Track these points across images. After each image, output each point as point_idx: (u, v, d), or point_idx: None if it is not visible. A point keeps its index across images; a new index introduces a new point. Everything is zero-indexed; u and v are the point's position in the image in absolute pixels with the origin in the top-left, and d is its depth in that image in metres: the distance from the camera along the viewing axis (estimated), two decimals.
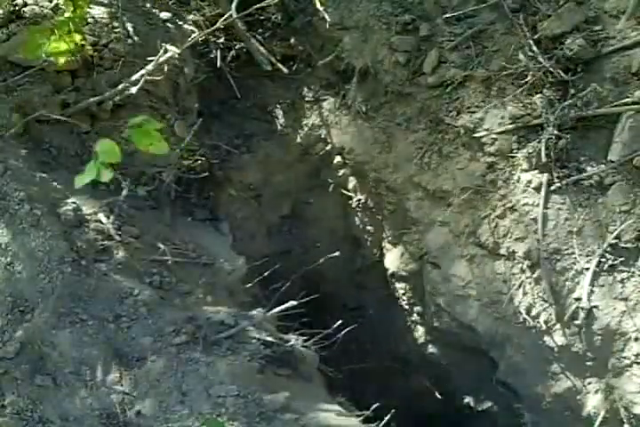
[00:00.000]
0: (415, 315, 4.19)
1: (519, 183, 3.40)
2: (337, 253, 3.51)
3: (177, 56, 3.00)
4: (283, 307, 2.83)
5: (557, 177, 3.32)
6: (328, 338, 2.92)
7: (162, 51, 2.90)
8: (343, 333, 2.92)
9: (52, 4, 3.29)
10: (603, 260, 3.17)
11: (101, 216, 2.96)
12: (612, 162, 3.22)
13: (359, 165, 3.95)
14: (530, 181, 3.37)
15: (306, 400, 2.60)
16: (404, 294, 4.18)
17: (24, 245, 2.65)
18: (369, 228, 4.21)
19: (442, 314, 3.86)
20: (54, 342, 2.52)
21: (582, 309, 3.20)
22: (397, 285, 4.18)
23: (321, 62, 3.88)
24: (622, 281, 3.14)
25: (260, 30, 3.96)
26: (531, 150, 3.37)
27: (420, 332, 4.23)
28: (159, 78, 3.15)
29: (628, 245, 3.14)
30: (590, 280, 3.17)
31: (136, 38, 3.37)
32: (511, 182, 3.42)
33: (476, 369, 3.97)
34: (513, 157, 3.42)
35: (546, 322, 3.33)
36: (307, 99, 3.99)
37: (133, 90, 3.05)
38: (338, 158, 4.04)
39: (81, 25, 3.12)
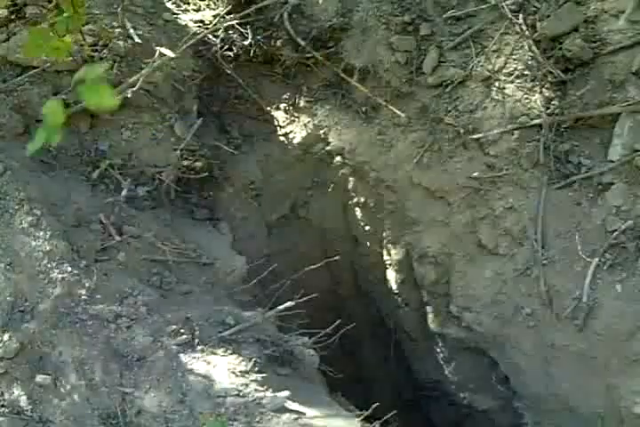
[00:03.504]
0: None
1: (519, 183, 3.40)
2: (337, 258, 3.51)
3: (175, 56, 3.00)
4: (282, 307, 2.83)
5: (557, 177, 3.32)
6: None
7: (157, 54, 2.90)
8: (341, 332, 2.92)
9: (52, 4, 3.29)
10: (603, 260, 3.17)
11: (101, 216, 2.96)
12: (612, 162, 3.22)
13: (359, 165, 3.95)
14: (530, 181, 3.37)
15: (306, 400, 2.60)
16: (403, 294, 4.19)
17: (24, 245, 2.65)
18: (369, 228, 4.21)
19: (442, 314, 3.86)
20: (54, 342, 2.52)
21: (582, 309, 3.20)
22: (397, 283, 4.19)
23: (321, 62, 3.87)
24: (622, 281, 3.14)
25: (260, 30, 3.96)
26: (530, 150, 3.38)
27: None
28: (159, 80, 3.16)
29: (628, 245, 3.14)
30: (590, 280, 3.17)
31: (136, 38, 3.37)
32: (511, 182, 3.42)
33: (475, 369, 3.97)
34: (513, 156, 3.42)
35: (546, 322, 3.33)
36: (307, 99, 3.98)
37: (129, 94, 3.04)
38: (338, 158, 4.04)
39: (80, 25, 3.12)
